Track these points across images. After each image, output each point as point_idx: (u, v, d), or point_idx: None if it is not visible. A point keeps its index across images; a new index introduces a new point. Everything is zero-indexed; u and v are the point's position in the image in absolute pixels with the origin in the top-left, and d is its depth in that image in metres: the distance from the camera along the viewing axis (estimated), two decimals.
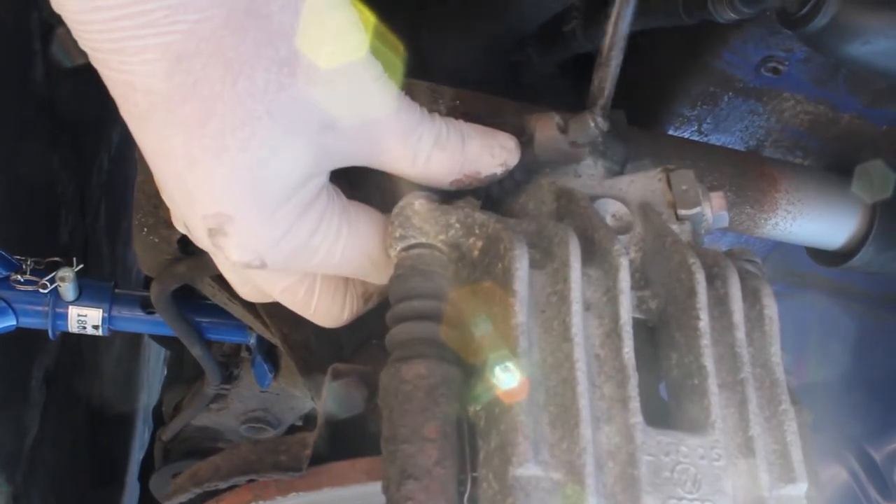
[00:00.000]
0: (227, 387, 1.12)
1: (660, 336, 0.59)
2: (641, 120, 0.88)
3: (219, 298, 0.85)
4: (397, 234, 0.59)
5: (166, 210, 0.79)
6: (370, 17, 0.59)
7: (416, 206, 0.59)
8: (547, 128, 0.63)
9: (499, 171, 0.64)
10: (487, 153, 0.63)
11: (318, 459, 0.58)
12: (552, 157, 0.64)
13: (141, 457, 2.55)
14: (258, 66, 0.52)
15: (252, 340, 1.01)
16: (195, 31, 0.50)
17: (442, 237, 0.58)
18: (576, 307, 0.53)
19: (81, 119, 1.96)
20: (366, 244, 0.61)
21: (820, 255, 0.96)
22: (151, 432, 2.43)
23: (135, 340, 2.67)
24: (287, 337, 0.80)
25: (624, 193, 0.64)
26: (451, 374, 0.53)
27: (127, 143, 2.36)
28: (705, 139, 0.97)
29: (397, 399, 0.53)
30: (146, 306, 1.00)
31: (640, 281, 0.60)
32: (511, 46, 1.01)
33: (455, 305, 0.57)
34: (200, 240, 0.57)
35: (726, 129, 0.96)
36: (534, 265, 0.56)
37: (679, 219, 0.63)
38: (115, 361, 2.44)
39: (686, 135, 0.96)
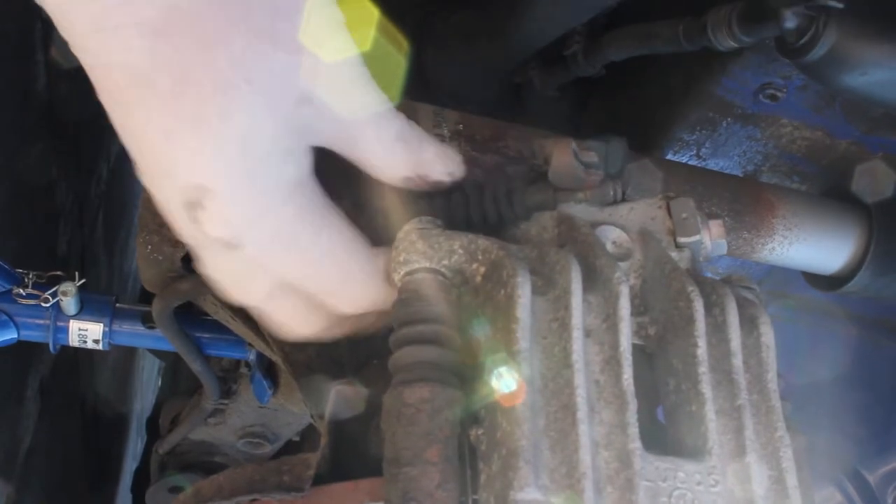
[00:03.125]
0: (226, 402, 1.12)
1: (658, 362, 0.60)
2: (640, 144, 0.89)
3: (221, 316, 0.86)
4: (401, 259, 0.59)
5: (171, 227, 0.80)
6: (374, 13, 0.60)
7: (419, 231, 0.60)
8: (564, 154, 0.64)
9: (446, 179, 0.65)
10: (440, 159, 0.64)
11: (319, 480, 0.59)
12: (567, 184, 0.65)
13: (135, 467, 2.55)
14: (236, 36, 0.52)
15: (251, 357, 1.01)
16: (173, 5, 0.50)
17: (445, 262, 0.59)
18: (576, 334, 0.54)
19: (81, 130, 1.97)
20: (346, 257, 0.61)
21: (816, 280, 0.97)
22: (145, 443, 2.44)
23: (130, 350, 2.68)
24: (288, 356, 0.80)
25: (624, 220, 0.65)
26: (453, 398, 0.54)
27: (126, 154, 2.36)
28: (703, 164, 0.98)
29: (400, 422, 0.54)
30: (147, 321, 1.00)
31: (640, 307, 0.61)
32: (513, 68, 1.02)
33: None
34: (178, 219, 0.56)
35: (724, 153, 0.97)
36: (536, 291, 0.56)
37: (678, 246, 0.64)
38: (109, 371, 2.44)
39: (684, 159, 0.98)
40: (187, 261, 0.82)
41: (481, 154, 0.76)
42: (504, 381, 0.55)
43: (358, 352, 0.80)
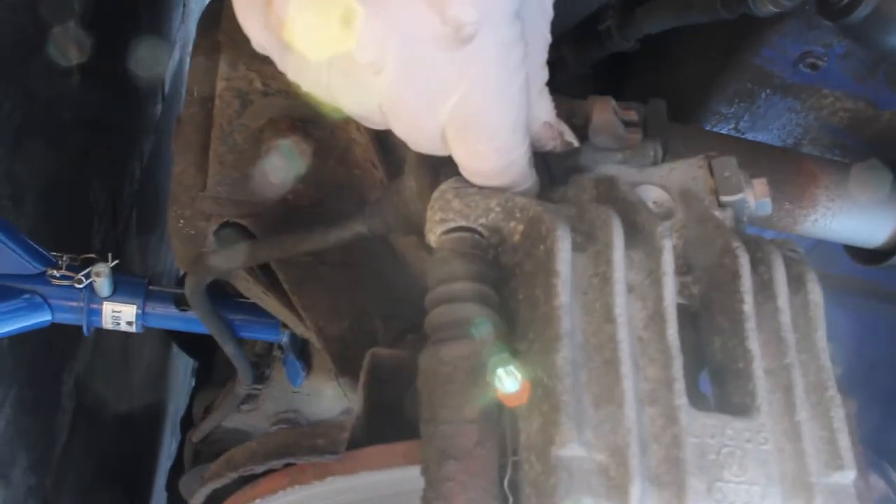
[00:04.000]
0: (259, 387, 1.12)
1: (702, 321, 0.58)
2: (677, 118, 0.87)
3: (253, 293, 0.85)
4: (437, 218, 0.58)
5: (202, 202, 0.79)
6: None
7: (455, 189, 0.58)
8: (604, 111, 0.63)
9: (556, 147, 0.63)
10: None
11: (354, 445, 0.58)
12: (607, 142, 0.63)
13: (169, 465, 2.56)
14: None
15: (284, 339, 1.01)
16: None
17: (482, 221, 0.58)
18: (619, 288, 0.53)
19: (114, 130, 1.98)
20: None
21: (859, 254, 0.94)
22: (179, 442, 2.44)
23: (163, 350, 2.69)
24: (322, 330, 0.79)
25: (665, 181, 0.64)
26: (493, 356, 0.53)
27: (158, 153, 2.38)
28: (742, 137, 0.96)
29: (437, 381, 0.52)
30: (180, 303, 1.00)
31: (682, 267, 0.60)
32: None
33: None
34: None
35: (763, 126, 0.95)
36: (576, 248, 0.55)
37: (721, 205, 0.62)
38: (143, 370, 2.45)
39: (723, 132, 0.96)
40: (218, 236, 0.81)
41: None
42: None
43: (392, 325, 0.79)
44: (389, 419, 0.60)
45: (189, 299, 0.88)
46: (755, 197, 0.63)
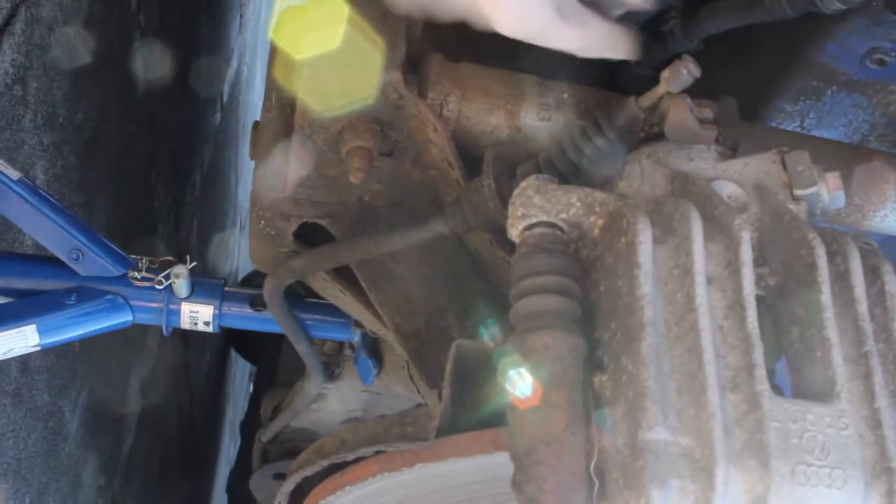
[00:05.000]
0: (329, 386, 1.14)
1: (779, 312, 0.60)
2: (742, 117, 0.88)
3: (330, 291, 0.88)
4: (519, 214, 0.60)
5: (282, 203, 0.82)
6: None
7: (536, 186, 0.61)
8: (680, 108, 0.65)
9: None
10: None
11: (442, 433, 0.60)
12: (682, 138, 0.65)
13: (228, 470, 2.60)
14: None
15: (356, 337, 1.03)
16: None
17: (563, 216, 0.60)
18: (699, 278, 0.54)
19: (176, 138, 2.03)
20: None
21: None
22: (239, 446, 2.48)
23: (222, 355, 2.74)
24: (398, 327, 0.82)
25: (738, 176, 0.65)
26: (576, 345, 0.55)
27: (217, 162, 2.44)
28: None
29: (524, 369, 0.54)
30: (254, 303, 1.03)
31: (758, 259, 0.61)
32: None
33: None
34: None
35: (829, 123, 0.96)
36: (655, 241, 0.57)
37: (795, 199, 0.64)
38: (203, 375, 2.50)
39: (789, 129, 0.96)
40: (299, 236, 0.84)
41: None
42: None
43: (466, 322, 0.81)
44: (474, 408, 0.62)
45: (267, 300, 0.90)
46: (828, 190, 0.65)
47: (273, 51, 0.84)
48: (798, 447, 0.51)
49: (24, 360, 1.39)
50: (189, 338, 2.29)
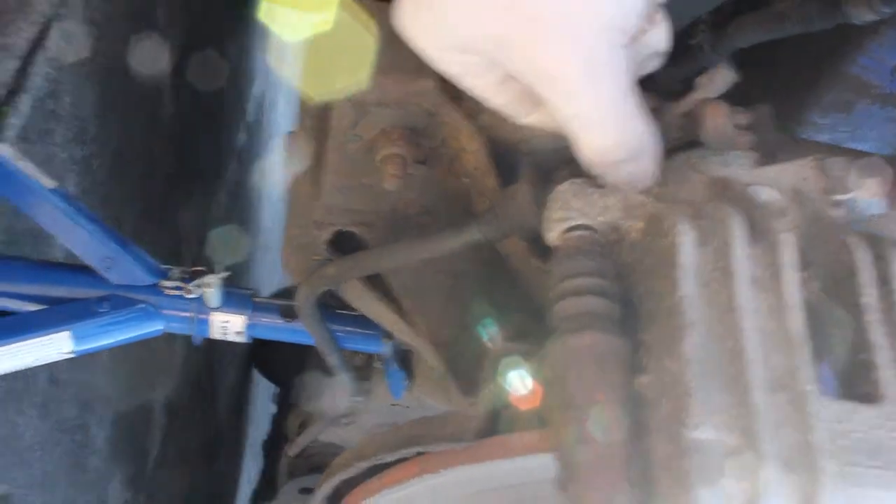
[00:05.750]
0: (358, 399, 1.14)
1: (822, 315, 0.59)
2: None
3: (364, 300, 0.88)
4: (557, 217, 0.61)
5: (316, 210, 0.83)
6: None
7: (574, 189, 0.61)
8: (718, 115, 0.65)
9: None
10: None
11: (483, 435, 0.60)
12: (719, 143, 0.65)
13: (251, 490, 2.60)
14: None
15: (387, 349, 1.03)
16: None
17: (601, 219, 0.60)
18: (741, 279, 0.54)
19: (202, 156, 2.05)
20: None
21: None
22: (262, 467, 2.48)
23: (245, 374, 2.74)
24: (433, 335, 0.82)
25: (775, 181, 0.65)
26: (617, 346, 0.55)
27: (242, 180, 2.45)
28: None
29: (568, 368, 0.54)
30: (285, 314, 1.03)
31: (799, 263, 0.61)
32: None
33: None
34: None
35: (861, 136, 0.96)
36: (695, 243, 0.57)
37: (833, 204, 0.64)
38: (227, 392, 2.50)
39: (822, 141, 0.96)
40: (332, 244, 0.85)
41: None
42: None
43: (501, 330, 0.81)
44: (512, 412, 0.62)
45: (300, 309, 0.91)
46: (868, 196, 0.65)
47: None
48: (847, 448, 0.51)
49: (51, 373, 1.40)
50: (213, 356, 2.30)
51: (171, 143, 1.81)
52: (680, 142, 0.68)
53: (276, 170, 2.58)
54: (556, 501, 0.54)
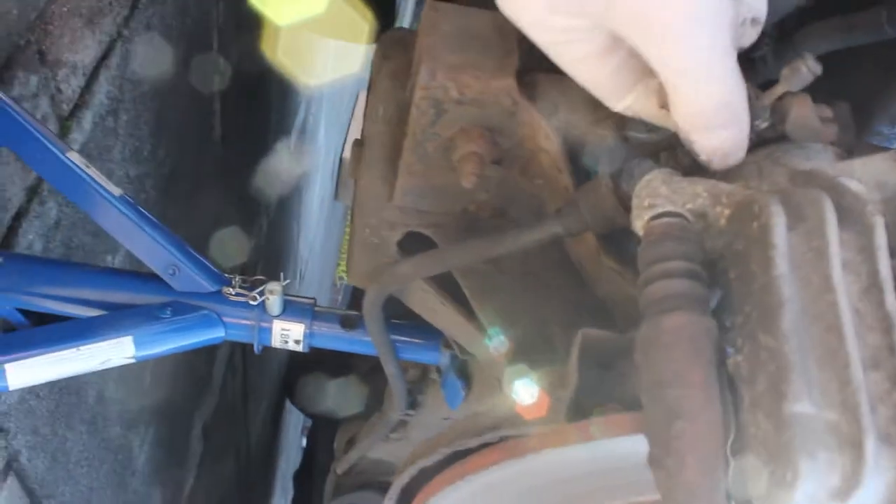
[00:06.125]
0: (411, 412, 1.14)
1: None
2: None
3: (429, 303, 0.88)
4: (646, 204, 0.61)
5: (389, 211, 0.84)
6: None
7: (663, 177, 0.62)
8: (803, 107, 0.66)
9: None
10: None
11: (569, 420, 0.60)
12: (804, 135, 0.66)
13: None
14: None
15: (445, 359, 1.04)
16: None
17: (689, 206, 0.61)
18: (835, 260, 0.55)
19: (245, 182, 2.07)
20: None
21: None
22: (292, 497, 2.47)
23: (279, 405, 2.74)
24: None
25: (858, 175, 0.65)
26: (710, 327, 0.55)
27: (282, 209, 2.47)
28: None
29: (659, 348, 0.55)
30: (345, 324, 1.04)
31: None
32: None
33: None
34: None
35: None
36: (785, 227, 0.57)
37: None
38: (260, 423, 2.50)
39: None
40: (402, 246, 0.85)
41: None
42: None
43: (570, 332, 0.81)
44: (600, 396, 0.62)
45: (366, 311, 0.91)
46: None
47: (376, 66, 0.87)
48: None
49: (100, 390, 1.41)
50: (248, 385, 2.30)
51: (219, 168, 1.83)
52: (761, 137, 0.69)
53: (315, 197, 2.61)
54: (647, 483, 0.54)
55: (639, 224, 0.62)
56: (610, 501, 0.64)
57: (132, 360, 1.01)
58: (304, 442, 2.84)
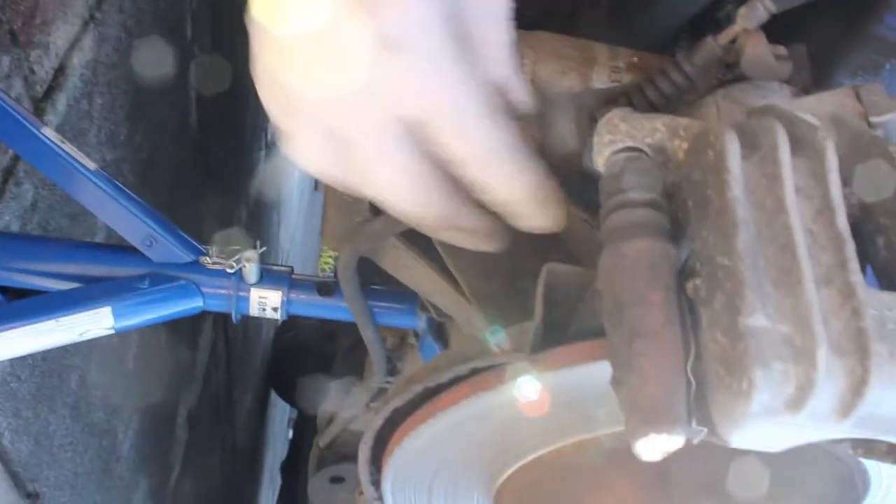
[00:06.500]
0: (391, 380, 1.15)
1: (863, 226, 0.61)
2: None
3: (403, 261, 0.89)
4: (606, 140, 0.63)
5: None
6: None
7: (622, 114, 0.63)
8: (757, 44, 0.68)
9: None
10: None
11: (535, 350, 0.61)
12: (759, 73, 0.68)
13: None
14: None
15: (422, 323, 1.05)
16: None
17: (648, 140, 0.62)
18: (788, 183, 0.56)
19: (224, 173, 2.08)
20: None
21: None
22: (279, 487, 2.48)
23: (264, 396, 2.74)
24: (475, 290, 0.83)
25: (814, 110, 0.67)
26: (669, 252, 0.57)
27: (261, 199, 2.48)
28: None
29: (620, 273, 0.56)
30: (321, 291, 1.05)
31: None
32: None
33: None
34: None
35: None
36: (741, 157, 0.59)
37: (871, 126, 0.66)
38: (245, 413, 2.50)
39: None
40: (376, 207, 0.86)
41: None
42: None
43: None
44: (565, 330, 0.63)
45: (340, 274, 0.92)
46: None
47: None
48: (895, 332, 0.52)
49: (82, 374, 1.42)
50: (232, 375, 2.31)
51: (198, 156, 1.84)
52: (719, 80, 0.71)
53: (295, 188, 2.62)
54: (613, 407, 0.55)
55: (600, 160, 0.63)
56: (585, 434, 0.66)
57: (111, 332, 1.01)
58: (291, 434, 2.84)
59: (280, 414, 3.04)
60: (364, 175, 0.61)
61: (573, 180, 0.74)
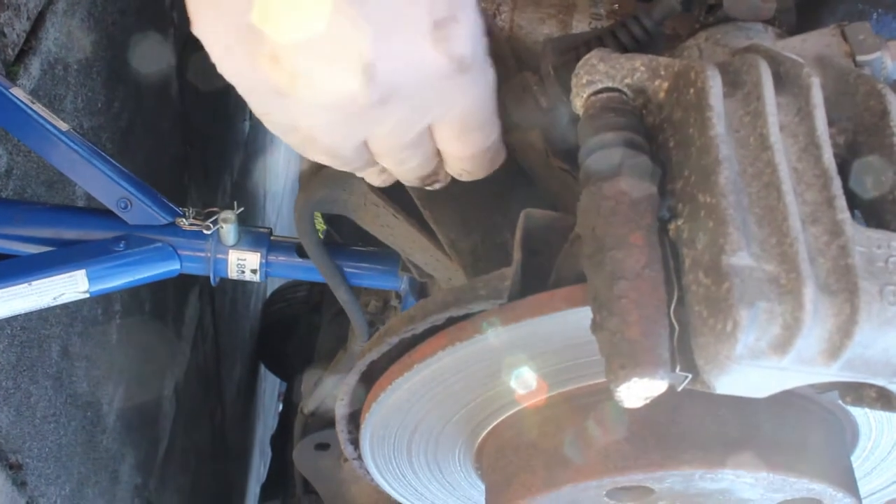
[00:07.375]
0: None
1: (851, 166, 0.59)
2: None
3: (382, 219, 0.87)
4: (584, 81, 0.60)
5: None
6: None
7: (600, 55, 0.61)
8: None
9: None
10: None
11: (513, 297, 0.59)
12: (741, 12, 0.65)
13: (259, 486, 2.58)
14: None
15: (403, 284, 1.03)
16: None
17: (628, 81, 0.60)
18: (772, 119, 0.54)
19: (208, 143, 2.05)
20: None
21: None
22: (269, 460, 2.47)
23: (253, 371, 2.73)
24: (454, 243, 0.82)
25: (798, 50, 0.65)
26: (650, 192, 0.55)
27: (246, 169, 2.45)
28: None
29: (600, 215, 0.54)
30: (301, 253, 1.03)
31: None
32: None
33: None
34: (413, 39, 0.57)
35: None
36: (723, 95, 0.57)
37: (858, 65, 0.64)
38: (235, 387, 2.49)
39: None
40: None
41: None
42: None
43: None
44: (543, 276, 0.61)
45: (296, 224, 0.90)
46: (892, 57, 0.65)
47: None
48: (884, 270, 0.51)
49: (64, 345, 1.40)
50: (220, 348, 2.29)
51: (178, 126, 1.81)
52: (701, 22, 0.69)
53: (281, 159, 2.59)
54: (593, 352, 0.53)
55: (578, 102, 0.61)
56: (565, 386, 0.64)
57: (86, 295, 0.99)
58: (280, 407, 2.83)
59: (270, 387, 3.03)
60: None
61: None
